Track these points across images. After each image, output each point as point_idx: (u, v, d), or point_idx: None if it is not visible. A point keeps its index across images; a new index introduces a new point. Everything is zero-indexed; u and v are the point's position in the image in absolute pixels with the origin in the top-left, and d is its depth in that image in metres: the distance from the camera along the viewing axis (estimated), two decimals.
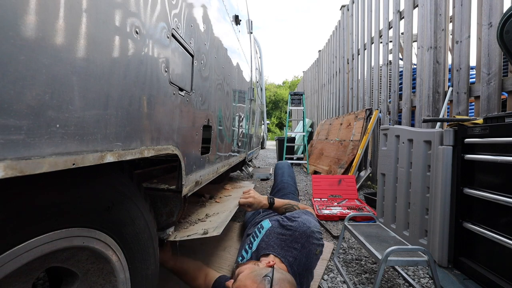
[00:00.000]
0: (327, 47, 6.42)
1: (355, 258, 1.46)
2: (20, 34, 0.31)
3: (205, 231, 0.88)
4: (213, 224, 0.98)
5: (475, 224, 1.21)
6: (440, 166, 1.35)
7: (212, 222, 1.02)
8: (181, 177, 0.81)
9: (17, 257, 0.38)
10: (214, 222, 1.03)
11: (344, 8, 5.05)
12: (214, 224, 0.99)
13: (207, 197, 1.57)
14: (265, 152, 9.56)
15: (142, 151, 0.58)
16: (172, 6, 0.71)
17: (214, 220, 1.06)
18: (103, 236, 0.55)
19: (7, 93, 0.30)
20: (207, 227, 0.95)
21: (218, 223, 1.00)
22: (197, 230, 0.92)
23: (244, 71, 2.02)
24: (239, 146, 1.95)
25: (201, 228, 0.94)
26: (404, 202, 1.61)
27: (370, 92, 3.84)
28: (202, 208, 1.33)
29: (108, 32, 0.46)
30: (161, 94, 0.67)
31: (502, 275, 1.07)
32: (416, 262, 0.97)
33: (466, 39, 2.09)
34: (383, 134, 1.90)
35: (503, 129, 1.10)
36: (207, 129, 1.11)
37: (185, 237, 0.86)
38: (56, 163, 0.37)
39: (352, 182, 2.70)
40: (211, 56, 1.10)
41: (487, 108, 1.86)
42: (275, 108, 29.80)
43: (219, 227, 0.92)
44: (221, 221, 1.02)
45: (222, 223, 0.97)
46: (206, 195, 1.59)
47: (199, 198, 1.53)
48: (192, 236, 0.86)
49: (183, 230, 0.96)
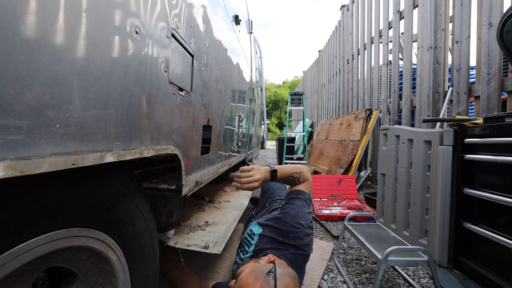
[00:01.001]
0: (327, 47, 6.42)
1: (355, 258, 1.46)
2: (20, 34, 0.31)
3: (206, 245, 0.91)
4: (213, 238, 1.01)
5: (475, 224, 1.21)
6: (440, 166, 1.35)
7: (212, 234, 1.04)
8: (181, 177, 0.81)
9: (17, 257, 0.38)
10: (214, 234, 1.05)
11: (344, 8, 5.05)
12: (214, 237, 1.02)
13: (206, 200, 1.58)
14: (265, 152, 9.56)
15: (142, 151, 0.58)
16: (172, 6, 0.71)
17: (213, 231, 1.08)
18: (103, 236, 0.55)
19: (7, 93, 0.30)
20: (207, 239, 0.98)
21: (218, 237, 1.02)
22: (197, 239, 0.96)
23: (244, 71, 2.02)
24: (239, 146, 1.95)
25: (201, 238, 0.98)
26: (404, 202, 1.61)
27: (370, 92, 3.84)
28: (201, 212, 1.33)
29: (108, 32, 0.46)
30: (161, 94, 0.67)
31: (502, 275, 1.07)
32: (416, 262, 0.97)
33: (466, 39, 2.09)
34: (383, 134, 1.90)
35: (503, 129, 1.10)
36: (207, 129, 1.11)
37: (185, 246, 0.89)
38: (56, 163, 0.37)
39: (352, 182, 2.70)
40: (211, 56, 1.10)
41: (487, 108, 1.86)
42: (275, 108, 29.80)
43: (220, 244, 0.94)
44: (220, 235, 1.05)
45: (222, 240, 0.99)
46: (206, 198, 1.59)
47: (198, 201, 1.53)
48: (192, 247, 0.89)
49: (183, 236, 0.98)
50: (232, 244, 1.52)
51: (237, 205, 1.57)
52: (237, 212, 1.42)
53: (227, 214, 1.37)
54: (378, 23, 3.55)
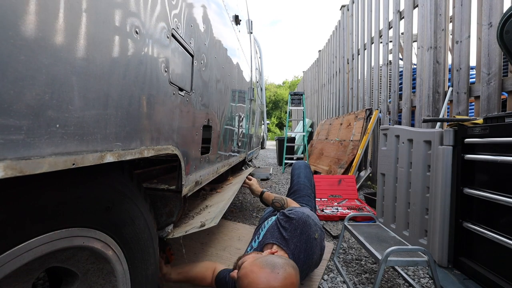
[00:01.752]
0: (327, 47, 6.42)
1: (355, 258, 1.46)
2: (20, 34, 0.31)
3: (203, 223, 0.87)
4: (211, 215, 0.97)
5: (475, 224, 1.21)
6: (440, 166, 1.34)
7: (211, 213, 1.02)
8: (181, 177, 0.81)
9: (17, 257, 0.38)
10: (212, 212, 1.03)
11: (344, 8, 5.05)
12: (212, 214, 0.98)
13: (207, 189, 1.58)
14: (265, 152, 9.56)
15: (142, 151, 0.58)
16: (172, 6, 0.71)
17: (212, 210, 1.07)
18: (103, 236, 0.55)
19: (7, 93, 0.30)
20: (204, 218, 0.94)
21: (216, 213, 0.99)
22: (195, 224, 0.91)
23: (244, 71, 2.02)
24: (239, 146, 1.95)
25: (199, 221, 0.93)
26: (404, 202, 1.61)
27: (370, 92, 3.84)
28: (202, 201, 1.33)
29: (108, 32, 0.46)
30: (161, 94, 0.67)
31: (502, 275, 1.07)
32: (416, 262, 0.97)
33: (466, 39, 2.09)
34: (383, 134, 1.90)
35: (503, 129, 1.10)
36: (207, 129, 1.11)
37: (183, 232, 0.85)
38: (56, 163, 0.37)
39: (352, 182, 2.70)
40: (211, 56, 1.10)
41: (487, 108, 1.86)
42: (275, 108, 29.80)
43: (216, 217, 0.91)
44: (218, 210, 1.02)
45: (219, 213, 0.97)
46: (206, 188, 1.60)
47: (199, 192, 1.52)
48: (190, 230, 0.85)
49: (181, 226, 0.95)
50: (232, 244, 1.52)
51: (239, 181, 1.62)
52: (236, 186, 1.44)
53: (227, 193, 1.37)
54: (378, 23, 3.54)
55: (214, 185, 1.73)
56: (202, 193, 1.49)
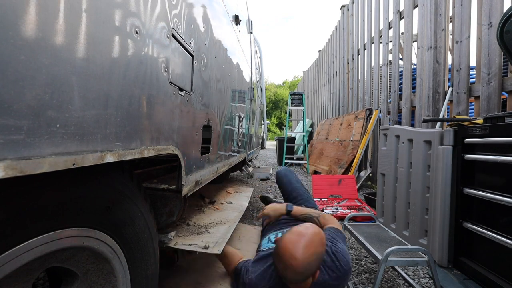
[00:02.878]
0: (327, 47, 6.42)
1: (355, 258, 1.46)
2: (20, 34, 0.31)
3: (206, 245, 0.92)
4: (213, 238, 1.03)
5: (475, 224, 1.21)
6: (440, 166, 1.34)
7: (212, 236, 1.06)
8: (181, 177, 0.81)
9: (17, 257, 0.38)
10: (214, 235, 1.07)
11: (344, 8, 5.05)
12: (214, 237, 1.04)
13: (207, 201, 1.58)
14: (265, 152, 9.56)
15: (142, 151, 0.58)
16: (172, 6, 0.71)
17: (213, 232, 1.10)
18: (103, 236, 0.55)
19: (7, 93, 0.30)
20: (207, 240, 0.99)
21: (218, 237, 1.03)
22: (197, 241, 0.98)
23: (244, 71, 2.02)
24: (239, 146, 1.95)
25: (201, 239, 0.99)
26: (404, 202, 1.61)
27: (370, 92, 3.84)
28: (201, 214, 1.34)
29: (108, 32, 0.46)
30: (161, 94, 0.67)
31: (502, 275, 1.07)
32: (416, 262, 0.97)
33: (466, 39, 2.09)
34: (383, 134, 1.90)
35: (503, 129, 1.10)
36: (207, 129, 1.11)
37: (186, 247, 0.90)
38: (56, 163, 0.37)
39: (352, 182, 2.70)
40: (211, 56, 1.10)
41: (487, 108, 1.86)
42: (275, 108, 29.79)
43: (220, 244, 0.96)
44: (221, 235, 1.06)
45: (222, 240, 1.00)
46: (206, 199, 1.59)
47: (198, 201, 1.53)
48: (193, 247, 0.90)
49: (183, 237, 0.99)
50: (232, 245, 1.52)
51: (237, 207, 1.58)
52: (237, 213, 1.43)
53: (227, 215, 1.37)
54: (378, 23, 3.55)
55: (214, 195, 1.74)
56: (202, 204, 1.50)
